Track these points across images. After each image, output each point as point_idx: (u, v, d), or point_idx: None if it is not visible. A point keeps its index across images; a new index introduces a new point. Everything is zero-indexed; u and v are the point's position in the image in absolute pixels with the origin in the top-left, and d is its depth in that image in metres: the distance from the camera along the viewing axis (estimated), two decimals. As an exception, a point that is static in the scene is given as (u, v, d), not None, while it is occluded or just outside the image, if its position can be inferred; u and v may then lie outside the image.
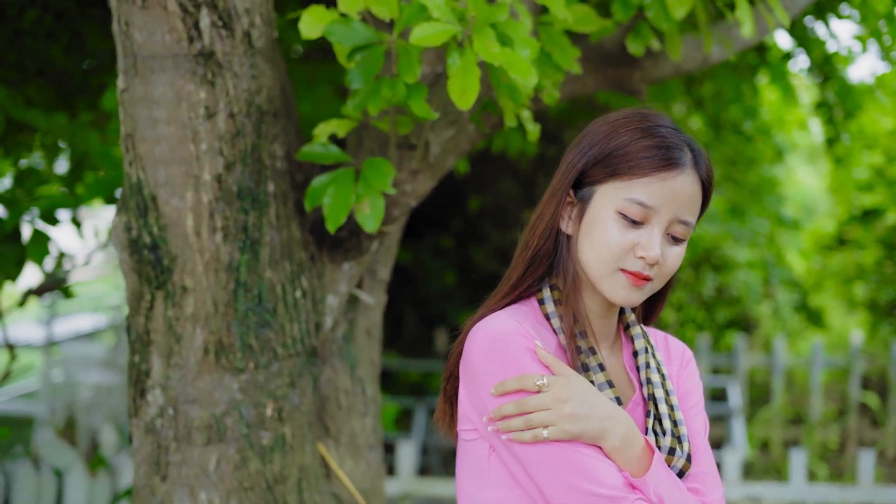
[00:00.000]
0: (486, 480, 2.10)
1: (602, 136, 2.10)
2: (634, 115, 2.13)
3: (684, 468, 2.11)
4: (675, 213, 2.05)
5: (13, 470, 5.26)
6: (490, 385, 2.04)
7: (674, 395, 2.19)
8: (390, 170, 2.65)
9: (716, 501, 2.15)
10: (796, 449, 5.41)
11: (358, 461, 3.05)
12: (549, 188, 2.17)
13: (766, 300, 11.06)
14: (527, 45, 2.54)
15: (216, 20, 2.61)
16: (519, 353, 2.03)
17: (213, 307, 2.68)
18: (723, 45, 3.38)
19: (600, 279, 2.08)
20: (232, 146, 2.67)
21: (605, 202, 2.06)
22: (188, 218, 2.66)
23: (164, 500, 2.73)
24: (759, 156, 10.22)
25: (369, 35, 2.52)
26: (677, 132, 2.11)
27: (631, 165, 2.05)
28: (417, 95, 2.54)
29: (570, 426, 1.96)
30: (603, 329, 2.20)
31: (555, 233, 2.15)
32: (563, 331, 2.12)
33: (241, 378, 2.71)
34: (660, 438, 2.11)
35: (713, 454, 2.30)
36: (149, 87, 2.63)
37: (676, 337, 2.41)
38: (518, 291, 2.18)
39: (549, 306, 2.15)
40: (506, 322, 2.07)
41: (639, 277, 2.05)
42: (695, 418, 2.23)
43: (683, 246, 2.11)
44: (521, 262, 2.18)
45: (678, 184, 2.05)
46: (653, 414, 2.14)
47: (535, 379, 1.98)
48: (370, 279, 3.17)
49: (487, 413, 2.05)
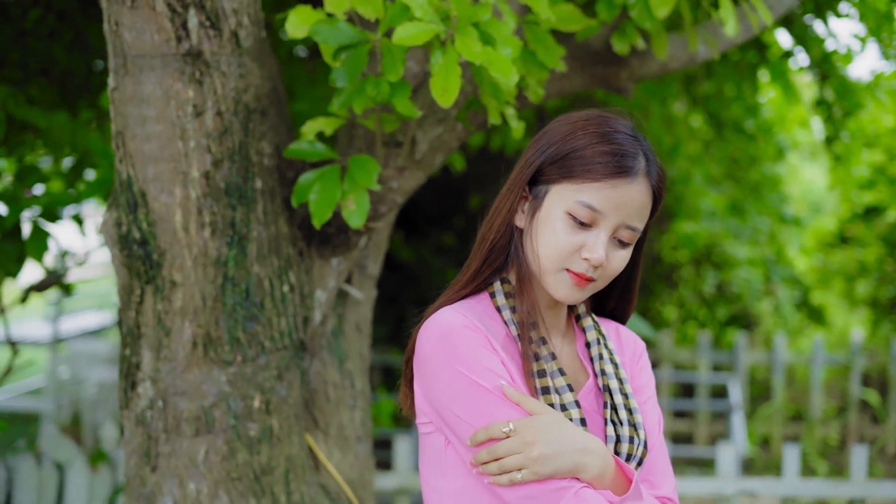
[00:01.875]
0: (444, 471, 2.16)
1: (560, 137, 2.15)
2: (595, 117, 2.17)
3: (642, 455, 2.17)
4: (623, 218, 2.11)
5: (15, 464, 5.32)
6: (441, 380, 2.09)
7: (627, 383, 2.24)
8: (375, 167, 2.70)
9: (667, 493, 2.22)
10: (789, 444, 5.44)
11: (346, 453, 3.10)
12: (507, 183, 2.22)
13: (766, 297, 11.09)
14: (509, 44, 2.59)
15: (204, 20, 2.66)
16: (467, 346, 2.08)
17: (201, 301, 2.74)
18: (708, 45, 3.43)
19: (545, 276, 2.14)
20: (220, 143, 2.72)
21: (556, 202, 2.12)
22: (177, 214, 2.71)
23: (154, 490, 2.79)
24: (760, 154, 10.24)
25: (354, 34, 2.57)
26: (635, 139, 2.16)
27: (585, 169, 2.09)
28: (401, 94, 2.59)
29: (541, 468, 1.99)
30: (554, 320, 2.25)
31: (510, 227, 2.20)
32: (514, 322, 2.17)
33: (229, 371, 2.76)
34: (618, 427, 2.16)
35: (668, 449, 2.33)
36: (138, 85, 2.68)
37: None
38: (476, 283, 2.23)
39: (499, 299, 2.20)
40: (455, 317, 2.12)
41: (582, 278, 2.11)
42: (650, 412, 2.28)
43: (629, 249, 2.16)
44: (478, 255, 2.23)
45: (629, 191, 2.10)
46: (609, 405, 2.19)
47: (502, 426, 2.01)
48: (360, 274, 3.22)
49: (435, 403, 2.11)
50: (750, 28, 3.49)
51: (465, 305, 2.19)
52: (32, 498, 5.29)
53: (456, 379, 2.07)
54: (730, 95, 8.26)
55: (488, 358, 2.08)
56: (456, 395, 2.07)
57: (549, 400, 2.11)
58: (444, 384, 2.09)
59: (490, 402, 2.05)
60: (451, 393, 2.08)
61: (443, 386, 2.10)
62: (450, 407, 2.09)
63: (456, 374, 2.07)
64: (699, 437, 9.61)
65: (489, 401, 2.05)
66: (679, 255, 10.78)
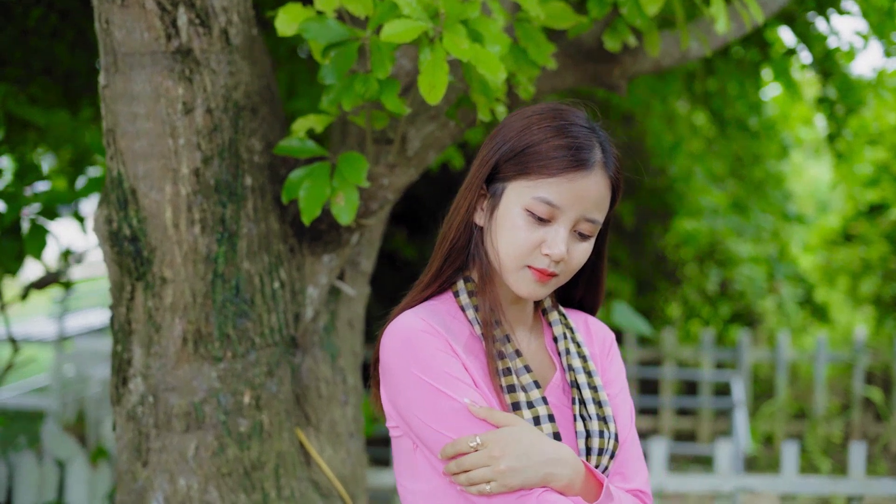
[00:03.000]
0: (415, 473, 2.18)
1: (515, 133, 2.15)
2: (549, 111, 2.17)
3: (614, 448, 2.18)
4: (582, 212, 2.10)
5: (16, 461, 5.35)
6: (403, 385, 2.11)
7: (597, 375, 2.24)
8: (364, 164, 2.72)
9: (639, 486, 2.23)
10: (788, 441, 5.45)
11: (338, 449, 3.12)
12: (466, 181, 2.22)
13: (770, 295, 11.08)
14: (497, 42, 2.59)
15: (193, 18, 2.68)
16: (428, 352, 2.09)
17: (191, 298, 2.76)
18: (701, 42, 3.43)
19: (507, 273, 2.14)
20: (209, 141, 2.74)
21: (514, 199, 2.12)
22: (167, 210, 2.73)
23: (145, 485, 2.81)
24: (764, 152, 10.23)
25: (343, 32, 2.58)
26: (591, 131, 2.15)
27: (540, 165, 2.09)
28: (390, 91, 2.61)
29: (509, 480, 2.01)
30: (519, 315, 2.26)
31: (470, 225, 2.21)
32: (477, 321, 2.17)
33: (219, 367, 2.78)
34: (587, 422, 2.16)
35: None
36: (128, 83, 2.70)
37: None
38: (438, 283, 2.24)
39: (463, 298, 2.21)
40: (414, 322, 2.13)
41: (544, 274, 2.11)
42: (621, 404, 2.29)
43: (591, 242, 2.16)
44: (439, 255, 2.23)
45: (586, 184, 2.10)
46: (577, 400, 2.19)
47: (468, 441, 2.03)
48: (352, 271, 3.23)
49: (400, 408, 2.13)
50: (742, 26, 3.49)
51: (427, 307, 2.20)
52: (33, 494, 5.31)
53: (418, 385, 2.08)
54: (733, 93, 8.26)
55: (449, 363, 2.09)
56: (419, 401, 2.09)
57: (515, 398, 2.11)
58: (407, 390, 2.10)
59: (452, 407, 2.06)
60: (414, 399, 2.09)
61: (406, 392, 2.11)
62: (414, 412, 2.10)
63: (417, 381, 2.08)
64: (702, 434, 9.61)
65: (451, 406, 2.06)
66: (682, 253, 10.78)
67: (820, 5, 6.43)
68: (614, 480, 2.20)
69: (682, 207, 10.30)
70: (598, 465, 2.15)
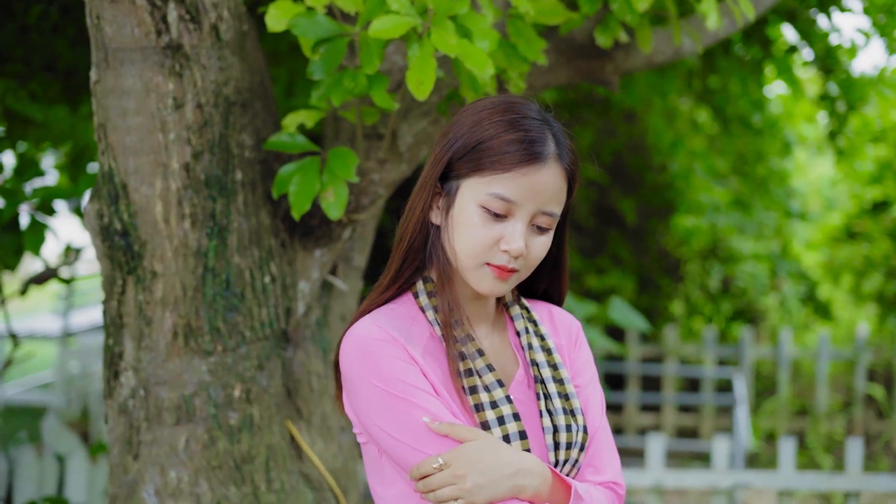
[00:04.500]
0: (383, 478, 2.18)
1: (466, 129, 2.12)
2: (500, 104, 2.14)
3: (584, 440, 2.16)
4: (539, 205, 2.08)
5: (17, 455, 5.38)
6: (362, 394, 2.10)
7: (563, 367, 2.22)
8: (354, 159, 2.73)
9: (611, 478, 2.20)
10: (785, 437, 5.46)
11: (329, 443, 3.13)
12: (419, 180, 2.19)
13: (772, 292, 11.09)
14: (485, 37, 2.60)
15: (184, 14, 2.70)
16: (384, 360, 2.08)
17: (181, 291, 2.78)
18: (693, 39, 3.44)
19: (466, 271, 2.12)
20: (200, 136, 2.76)
21: (469, 196, 2.09)
22: (157, 205, 2.75)
23: (137, 478, 2.82)
24: (767, 149, 10.23)
25: (332, 27, 2.60)
26: (543, 123, 2.13)
27: (493, 161, 2.06)
28: (378, 86, 2.62)
29: (476, 497, 2.00)
30: (480, 311, 2.24)
31: (426, 225, 2.17)
32: (437, 322, 2.16)
33: (209, 360, 2.80)
34: (553, 417, 2.15)
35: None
36: (119, 78, 2.72)
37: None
38: (398, 285, 2.21)
39: (422, 299, 2.19)
40: (370, 330, 2.11)
41: (504, 270, 2.09)
42: (591, 395, 2.26)
43: (549, 234, 2.14)
44: (397, 256, 2.20)
45: (541, 177, 2.07)
46: (543, 394, 2.17)
47: (431, 462, 2.02)
48: (345, 266, 3.25)
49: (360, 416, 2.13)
50: (734, 22, 3.50)
51: (385, 311, 2.18)
52: (33, 489, 5.34)
53: (376, 394, 2.08)
54: (735, 91, 8.26)
55: (406, 371, 2.08)
56: (377, 410, 2.08)
57: (478, 399, 2.10)
58: (366, 399, 2.10)
59: (410, 416, 2.05)
60: (373, 408, 2.09)
61: (364, 401, 2.10)
62: (373, 420, 2.09)
63: (375, 390, 2.08)
64: (704, 431, 9.63)
65: (409, 415, 2.05)
66: (685, 250, 10.79)
67: (822, 2, 6.44)
68: (586, 473, 2.18)
69: (684, 204, 10.31)
70: (568, 460, 2.13)
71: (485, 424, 2.09)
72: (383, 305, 2.21)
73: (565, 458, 2.13)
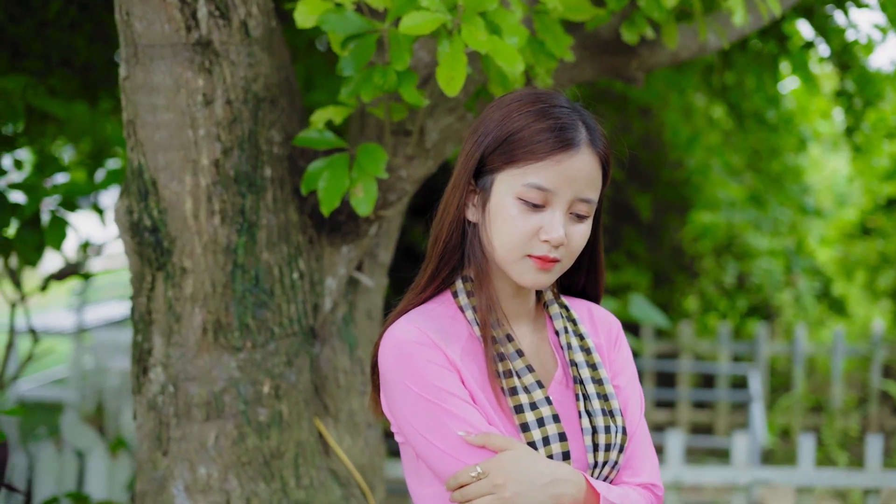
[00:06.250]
0: (420, 478, 2.18)
1: (496, 123, 2.12)
2: (528, 96, 2.14)
3: (623, 441, 2.15)
4: (576, 192, 2.08)
5: (36, 451, 5.38)
6: (398, 397, 2.10)
7: (602, 367, 2.21)
8: (383, 155, 2.73)
9: (649, 479, 2.20)
10: (805, 434, 5.45)
11: (356, 439, 3.13)
12: (452, 179, 2.18)
13: (787, 288, 11.06)
14: (515, 33, 2.60)
15: (213, 10, 2.70)
16: (422, 365, 2.07)
17: (211, 288, 2.78)
18: (718, 34, 3.43)
19: (508, 265, 2.11)
20: (229, 132, 2.76)
21: (504, 189, 2.09)
22: (187, 201, 2.75)
23: (166, 474, 2.83)
24: (782, 145, 10.20)
25: (362, 24, 2.59)
26: (572, 110, 2.12)
27: (525, 151, 2.06)
28: (408, 83, 2.62)
29: None
30: (520, 309, 2.23)
31: (462, 223, 2.17)
32: (476, 322, 2.15)
33: (238, 356, 2.80)
34: (592, 418, 2.14)
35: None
36: (148, 74, 2.72)
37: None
38: (435, 284, 2.21)
39: (462, 299, 2.18)
40: (409, 332, 2.11)
41: (546, 261, 2.08)
42: (630, 396, 2.25)
43: (588, 222, 2.13)
44: (433, 255, 2.20)
45: (575, 164, 2.07)
46: (581, 395, 2.17)
47: (469, 471, 2.02)
48: (371, 262, 3.25)
49: (396, 417, 2.13)
50: (760, 18, 3.49)
51: (424, 311, 2.17)
52: (53, 484, 5.35)
53: (411, 397, 2.08)
54: (750, 86, 8.24)
55: (442, 376, 2.07)
56: (412, 413, 2.08)
57: (518, 401, 2.09)
58: (401, 402, 2.10)
59: (443, 422, 2.05)
60: (408, 410, 2.09)
61: (399, 403, 2.11)
62: (408, 422, 2.10)
63: (410, 393, 2.08)
64: (719, 427, 9.61)
65: (442, 421, 2.05)
66: (700, 246, 10.77)
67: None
68: (623, 475, 2.18)
69: (700, 200, 10.28)
70: (608, 461, 2.13)
71: (525, 426, 2.09)
72: (421, 305, 2.21)
73: (604, 460, 2.13)
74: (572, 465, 2.10)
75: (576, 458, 2.11)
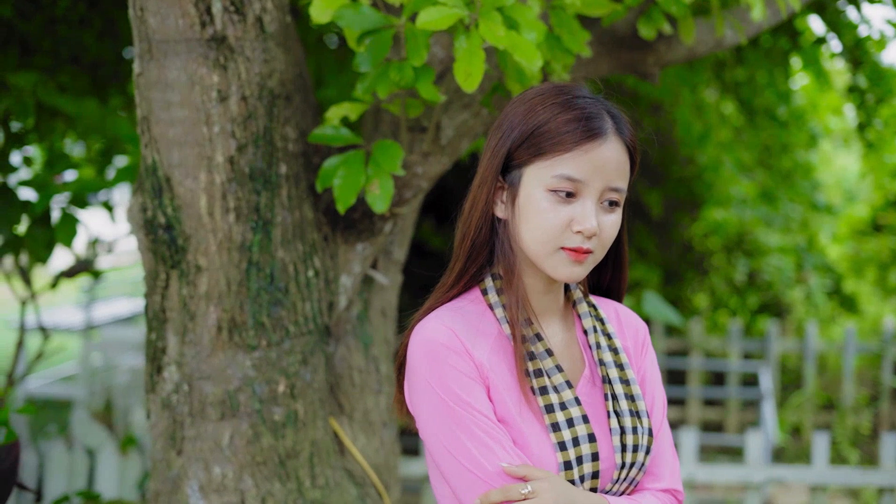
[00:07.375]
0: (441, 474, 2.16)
1: (521, 117, 2.10)
2: (550, 89, 2.13)
3: (649, 443, 2.14)
4: (605, 181, 2.06)
5: (47, 449, 5.37)
6: (422, 396, 2.09)
7: (629, 368, 2.20)
8: (399, 152, 2.70)
9: (671, 484, 2.19)
10: (819, 432, 5.42)
11: (371, 438, 3.11)
12: (478, 176, 2.16)
13: (798, 285, 11.02)
14: (533, 29, 2.58)
15: (228, 5, 2.67)
16: (447, 370, 2.06)
17: (226, 286, 2.75)
18: (736, 30, 3.40)
19: (542, 259, 2.08)
20: (244, 129, 2.73)
21: (533, 183, 2.07)
22: (201, 199, 2.73)
23: (180, 473, 2.81)
24: (793, 141, 10.17)
25: (378, 19, 2.57)
26: (596, 100, 2.11)
27: (553, 143, 2.05)
28: (425, 79, 2.60)
29: None
30: (550, 305, 2.21)
31: (490, 220, 2.15)
32: (506, 320, 2.13)
33: (253, 355, 2.78)
34: (621, 419, 2.13)
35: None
36: (163, 70, 2.70)
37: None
38: (463, 282, 2.18)
39: (491, 296, 2.16)
40: (439, 331, 2.09)
41: (579, 252, 2.05)
42: (655, 399, 2.25)
43: (619, 213, 2.12)
44: (461, 253, 2.17)
45: (603, 153, 2.06)
46: (610, 395, 2.15)
47: (520, 488, 2.00)
48: (385, 260, 3.22)
49: (416, 415, 2.12)
50: (778, 13, 3.46)
51: (454, 309, 2.15)
52: (63, 482, 5.33)
53: (434, 399, 2.07)
54: (762, 82, 8.20)
55: (468, 387, 2.05)
56: (432, 416, 2.08)
57: (548, 400, 2.08)
58: (425, 401, 2.09)
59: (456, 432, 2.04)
60: (428, 412, 2.08)
61: (423, 402, 2.09)
62: (427, 422, 2.09)
63: (434, 396, 2.07)
64: (729, 425, 9.58)
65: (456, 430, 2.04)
66: (710, 243, 10.73)
67: (851, -7, 6.39)
68: (645, 481, 2.17)
69: (711, 197, 10.24)
70: (635, 463, 2.11)
71: (555, 426, 2.07)
72: (449, 302, 2.18)
73: (632, 462, 2.11)
74: (601, 465, 2.09)
75: (604, 457, 2.10)
